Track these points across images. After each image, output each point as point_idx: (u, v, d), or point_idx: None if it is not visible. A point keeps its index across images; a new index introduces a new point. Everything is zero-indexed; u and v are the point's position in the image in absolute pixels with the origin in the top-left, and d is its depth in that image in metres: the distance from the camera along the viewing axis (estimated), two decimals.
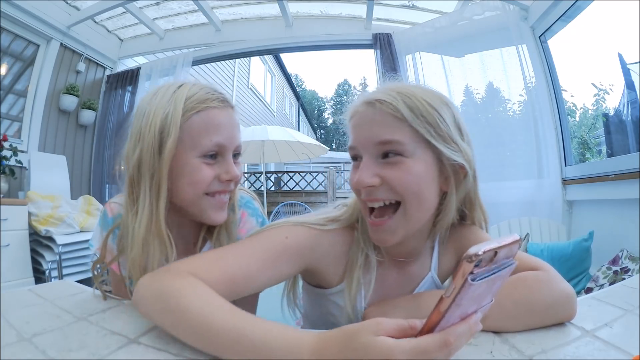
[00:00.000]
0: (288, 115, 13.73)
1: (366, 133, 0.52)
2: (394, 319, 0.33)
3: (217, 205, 0.61)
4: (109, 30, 3.35)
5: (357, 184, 0.51)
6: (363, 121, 0.53)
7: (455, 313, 0.30)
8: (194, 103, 0.59)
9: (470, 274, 0.27)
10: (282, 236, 0.53)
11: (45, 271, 2.12)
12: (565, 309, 0.46)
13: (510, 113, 2.65)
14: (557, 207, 2.20)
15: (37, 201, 2.24)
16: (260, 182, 7.58)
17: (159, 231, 0.57)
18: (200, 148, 0.58)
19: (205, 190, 0.59)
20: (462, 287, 0.27)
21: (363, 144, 0.52)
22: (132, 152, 0.58)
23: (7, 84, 2.69)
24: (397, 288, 0.59)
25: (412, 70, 2.72)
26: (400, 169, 0.50)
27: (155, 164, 0.57)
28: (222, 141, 0.60)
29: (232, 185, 0.63)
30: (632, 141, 2.05)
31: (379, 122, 0.51)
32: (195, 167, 0.58)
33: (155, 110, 0.58)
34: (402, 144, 0.49)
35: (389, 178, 0.50)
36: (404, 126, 0.50)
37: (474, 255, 0.26)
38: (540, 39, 2.38)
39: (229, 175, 0.61)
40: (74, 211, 2.41)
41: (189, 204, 0.60)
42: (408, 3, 2.83)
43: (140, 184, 0.57)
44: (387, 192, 0.50)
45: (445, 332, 0.30)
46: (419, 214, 0.52)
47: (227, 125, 0.61)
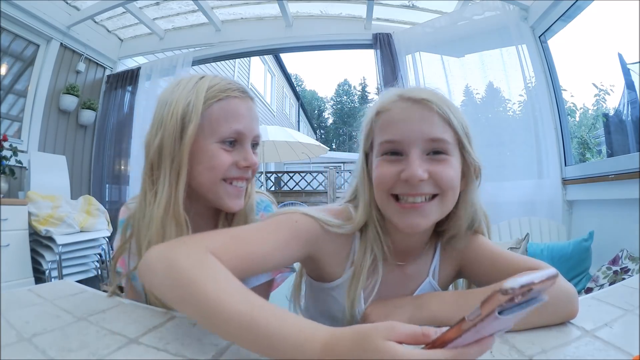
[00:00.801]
0: (288, 115, 13.73)
1: (416, 129, 0.52)
2: (408, 325, 0.33)
3: (233, 192, 0.63)
4: (109, 30, 3.35)
5: (411, 178, 0.50)
6: (409, 117, 0.53)
7: (472, 336, 0.29)
8: (215, 92, 0.62)
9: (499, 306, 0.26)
10: (292, 220, 0.54)
11: (45, 271, 2.12)
12: (566, 308, 0.47)
13: (510, 113, 2.65)
14: (557, 207, 2.20)
15: (37, 201, 2.24)
16: (260, 182, 7.58)
17: (177, 213, 0.59)
18: (219, 134, 0.61)
19: (222, 175, 0.61)
20: (487, 317, 0.27)
21: (411, 139, 0.52)
22: (154, 139, 0.61)
23: (7, 84, 2.69)
24: (395, 289, 0.59)
25: (412, 70, 2.72)
26: (446, 165, 0.53)
27: (176, 149, 0.59)
28: (241, 129, 0.62)
29: (250, 173, 0.65)
30: (632, 141, 2.05)
31: (429, 120, 0.53)
32: (214, 153, 0.60)
33: (177, 98, 0.61)
34: (449, 143, 0.53)
35: (436, 173, 0.52)
36: (448, 127, 0.54)
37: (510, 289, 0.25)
38: (540, 39, 2.38)
39: (247, 162, 0.62)
40: (74, 211, 2.42)
41: (207, 190, 0.62)
42: (408, 3, 2.83)
43: (161, 168, 0.60)
44: (431, 187, 0.52)
45: (458, 352, 0.30)
46: (450, 205, 0.55)
47: (246, 115, 0.63)
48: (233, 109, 0.62)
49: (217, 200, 0.63)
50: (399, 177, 0.52)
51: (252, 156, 0.64)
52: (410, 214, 0.52)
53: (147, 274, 0.44)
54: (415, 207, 0.52)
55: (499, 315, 0.26)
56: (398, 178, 0.52)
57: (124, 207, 0.72)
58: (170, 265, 0.41)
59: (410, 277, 0.61)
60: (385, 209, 0.55)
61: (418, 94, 0.54)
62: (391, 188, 0.53)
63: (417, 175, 0.50)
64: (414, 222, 0.52)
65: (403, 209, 0.52)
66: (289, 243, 0.52)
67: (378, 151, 0.56)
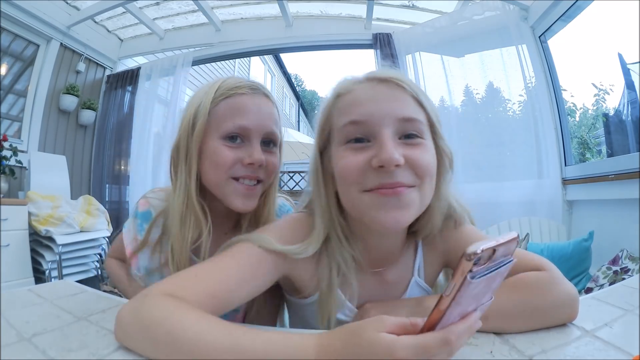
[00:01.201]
0: (288, 115, 13.72)
1: (385, 107, 0.46)
2: (396, 317, 0.34)
3: (242, 191, 0.61)
4: (109, 30, 3.35)
5: (386, 162, 0.43)
6: (376, 96, 0.47)
7: (455, 311, 0.30)
8: (224, 90, 0.62)
9: (470, 272, 0.27)
10: (256, 246, 0.49)
11: (45, 271, 2.12)
12: (567, 311, 0.46)
13: (510, 113, 2.65)
14: (557, 207, 2.20)
15: (37, 201, 2.24)
16: None
17: (193, 205, 0.60)
18: (223, 130, 0.60)
19: (227, 173, 0.60)
20: (462, 285, 0.28)
21: (380, 119, 0.45)
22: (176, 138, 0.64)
23: (7, 84, 2.69)
24: (378, 294, 0.56)
25: (412, 70, 2.72)
26: (422, 150, 0.47)
27: (188, 145, 0.62)
28: (246, 124, 0.60)
29: (261, 172, 0.62)
30: (632, 141, 2.05)
31: (400, 98, 0.47)
32: (217, 149, 0.60)
33: (194, 100, 0.64)
34: (423, 125, 0.48)
35: (413, 159, 0.45)
36: (420, 108, 0.48)
37: (473, 254, 0.27)
38: (540, 39, 2.38)
39: (251, 159, 0.60)
40: (74, 211, 2.41)
41: (215, 187, 0.62)
42: (408, 3, 2.83)
43: (178, 164, 0.63)
44: (409, 175, 0.45)
45: (446, 330, 0.31)
46: (429, 197, 0.49)
47: (254, 110, 0.62)
48: (239, 104, 0.61)
49: (225, 199, 0.62)
50: (370, 166, 0.45)
51: (259, 153, 0.60)
52: (390, 203, 0.45)
53: (126, 339, 0.40)
54: (396, 193, 0.44)
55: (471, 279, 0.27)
56: (368, 167, 0.45)
57: (143, 199, 0.70)
58: (143, 325, 0.39)
59: (393, 283, 0.57)
60: (357, 206, 0.47)
61: (385, 74, 0.49)
62: (362, 182, 0.46)
63: (393, 159, 0.43)
64: (396, 216, 0.45)
65: (383, 195, 0.45)
66: (255, 274, 0.48)
67: (339, 139, 0.49)
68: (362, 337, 0.32)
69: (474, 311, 0.33)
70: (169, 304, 0.40)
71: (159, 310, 0.39)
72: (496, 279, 0.31)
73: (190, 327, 0.37)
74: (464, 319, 0.32)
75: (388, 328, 0.32)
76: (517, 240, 0.30)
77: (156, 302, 0.40)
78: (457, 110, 2.69)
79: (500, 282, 0.32)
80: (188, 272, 0.48)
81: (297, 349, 0.35)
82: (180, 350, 0.36)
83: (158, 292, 0.42)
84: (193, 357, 0.36)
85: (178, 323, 0.37)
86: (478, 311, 0.33)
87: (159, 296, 0.41)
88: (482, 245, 0.27)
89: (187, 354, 0.36)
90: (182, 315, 0.38)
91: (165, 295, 0.41)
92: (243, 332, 0.37)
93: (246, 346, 0.35)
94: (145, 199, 0.70)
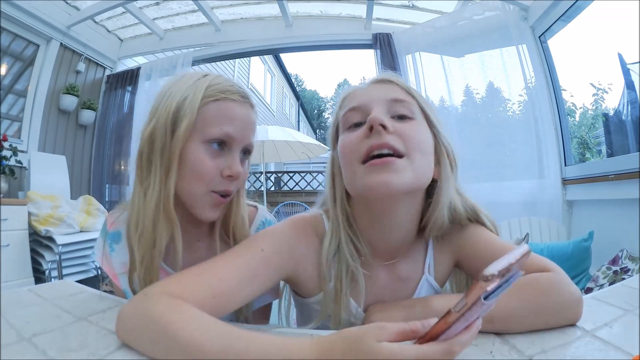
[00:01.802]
0: (288, 115, 13.73)
1: (377, 94, 0.54)
2: (396, 323, 0.33)
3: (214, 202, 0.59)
4: (109, 30, 3.35)
5: (372, 121, 0.49)
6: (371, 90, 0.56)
7: (461, 325, 0.30)
8: (214, 91, 0.58)
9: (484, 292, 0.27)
10: (258, 248, 0.51)
11: (45, 271, 2.12)
12: (571, 312, 0.46)
13: (510, 113, 2.65)
14: (557, 207, 2.20)
15: (37, 201, 2.24)
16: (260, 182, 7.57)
17: (167, 209, 0.56)
18: (208, 134, 0.57)
19: (209, 186, 0.57)
20: (474, 304, 0.28)
21: (373, 100, 0.53)
22: (146, 127, 0.58)
23: (7, 84, 2.69)
24: (389, 292, 0.57)
25: (412, 70, 2.72)
26: (412, 124, 0.52)
27: (167, 142, 0.56)
28: (232, 132, 0.58)
29: (234, 185, 0.60)
30: (632, 141, 2.05)
31: (390, 88, 0.55)
32: (199, 157, 0.56)
33: (175, 92, 0.58)
34: (414, 106, 0.54)
35: (402, 130, 0.50)
36: (411, 97, 0.55)
37: (491, 276, 0.27)
38: (540, 39, 2.38)
39: (230, 171, 0.57)
40: (74, 211, 2.41)
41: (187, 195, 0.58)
42: (408, 3, 2.83)
43: (152, 160, 0.57)
44: (396, 141, 0.49)
45: (450, 343, 0.31)
46: (423, 170, 0.51)
47: (241, 119, 0.60)
48: (228, 111, 0.58)
49: (193, 208, 0.59)
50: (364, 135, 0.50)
51: (238, 165, 0.59)
52: (379, 170, 0.48)
53: (126, 335, 0.41)
54: (385, 162, 0.48)
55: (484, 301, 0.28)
56: (363, 136, 0.50)
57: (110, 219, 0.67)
58: (143, 323, 0.40)
59: (404, 277, 0.58)
60: (355, 179, 0.51)
61: (381, 75, 0.58)
62: (358, 151, 0.50)
63: (377, 118, 0.49)
64: (386, 179, 0.47)
65: (372, 166, 0.48)
66: (255, 275, 0.49)
67: (342, 127, 0.56)
68: (362, 346, 0.32)
69: (477, 319, 0.32)
70: (167, 303, 0.40)
71: (157, 308, 0.40)
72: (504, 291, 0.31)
73: (185, 327, 0.37)
74: (468, 329, 0.32)
75: (389, 336, 0.32)
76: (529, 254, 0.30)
77: (156, 300, 0.41)
78: (457, 110, 2.69)
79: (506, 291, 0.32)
80: (190, 271, 0.48)
81: (293, 355, 0.34)
82: (175, 349, 0.36)
83: (159, 291, 0.43)
84: (186, 357, 0.36)
85: (174, 322, 0.38)
86: (480, 319, 0.33)
87: (160, 295, 0.42)
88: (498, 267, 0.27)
89: (181, 353, 0.36)
90: (179, 314, 0.39)
91: (166, 294, 0.42)
92: (238, 334, 0.37)
93: (240, 350, 0.35)
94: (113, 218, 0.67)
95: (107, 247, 0.67)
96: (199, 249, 0.66)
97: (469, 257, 0.57)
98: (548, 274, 0.47)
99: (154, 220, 0.56)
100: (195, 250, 0.65)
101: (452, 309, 0.29)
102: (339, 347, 0.33)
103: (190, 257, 0.62)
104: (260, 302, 0.66)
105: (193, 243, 0.65)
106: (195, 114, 0.56)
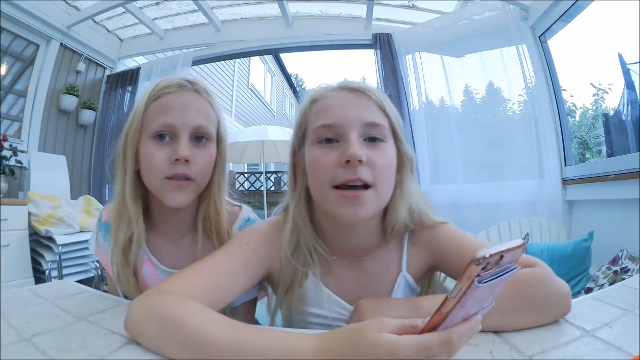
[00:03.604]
0: (288, 115, 13.72)
1: (353, 113, 0.54)
2: (396, 319, 0.34)
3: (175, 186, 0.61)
4: (109, 30, 3.35)
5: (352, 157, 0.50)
6: (346, 103, 0.55)
7: (458, 314, 0.31)
8: (155, 91, 0.64)
9: (477, 277, 0.28)
10: (244, 242, 0.57)
11: (45, 271, 2.12)
12: (561, 305, 0.47)
13: (510, 113, 2.65)
14: (557, 207, 2.20)
15: (37, 201, 2.24)
16: (260, 182, 7.57)
17: (126, 207, 0.63)
18: (151, 129, 0.62)
19: (161, 174, 0.61)
20: (468, 288, 0.28)
21: (349, 122, 0.53)
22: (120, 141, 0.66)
23: (7, 84, 2.69)
24: (357, 286, 0.59)
25: (412, 70, 2.71)
26: (381, 151, 0.54)
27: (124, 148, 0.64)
28: (170, 121, 0.61)
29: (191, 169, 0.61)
30: (632, 141, 2.05)
31: (366, 106, 0.55)
32: (148, 152, 0.61)
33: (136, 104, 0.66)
34: (385, 129, 0.55)
35: (373, 160, 0.52)
36: (383, 115, 0.56)
37: (482, 258, 0.27)
38: (540, 39, 2.38)
39: (176, 155, 0.60)
40: (74, 211, 2.41)
41: (152, 188, 0.64)
42: (408, 3, 2.83)
43: (118, 167, 0.66)
44: (366, 172, 0.51)
45: (448, 331, 0.31)
46: (386, 196, 0.55)
47: (180, 107, 0.62)
48: (165, 103, 0.62)
49: (161, 197, 0.63)
50: (339, 163, 0.51)
51: (184, 149, 0.60)
52: (350, 203, 0.51)
53: (133, 326, 0.43)
54: (355, 197, 0.51)
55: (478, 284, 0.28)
56: (337, 164, 0.52)
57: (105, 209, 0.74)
58: (152, 312, 0.42)
59: (372, 272, 0.60)
60: (325, 200, 0.54)
61: (355, 84, 0.57)
62: (332, 176, 0.52)
63: (357, 154, 0.50)
64: (356, 212, 0.52)
65: (345, 198, 0.51)
66: (246, 265, 0.55)
67: (312, 139, 0.56)
68: (363, 337, 0.33)
69: (475, 314, 0.33)
70: (175, 297, 0.44)
71: (166, 302, 0.43)
72: (499, 285, 0.31)
73: (193, 317, 0.40)
74: (466, 321, 0.32)
75: (389, 329, 0.33)
76: (523, 247, 0.30)
77: (164, 296, 0.45)
78: (457, 110, 2.69)
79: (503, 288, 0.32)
80: (189, 269, 0.52)
81: (296, 348, 0.35)
82: (183, 337, 0.39)
83: (165, 289, 0.47)
84: (194, 345, 0.38)
85: (182, 313, 0.41)
86: (479, 314, 0.33)
87: (167, 291, 0.46)
88: (490, 250, 0.28)
89: (189, 342, 0.38)
90: (186, 306, 0.42)
91: (172, 291, 0.46)
92: (244, 327, 0.39)
93: (246, 341, 0.37)
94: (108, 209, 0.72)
95: (100, 237, 0.73)
96: (184, 244, 0.70)
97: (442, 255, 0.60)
98: (533, 269, 0.49)
99: (116, 216, 0.64)
100: (180, 244, 0.70)
101: (448, 295, 0.30)
102: (340, 340, 0.34)
103: (176, 252, 0.69)
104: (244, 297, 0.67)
105: (178, 238, 0.70)
106: (140, 117, 0.62)
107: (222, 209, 0.68)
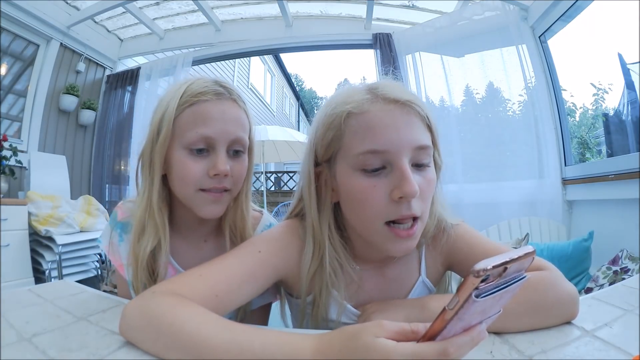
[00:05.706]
0: (288, 115, 13.72)
1: (403, 135, 0.47)
2: (397, 322, 0.34)
3: (209, 199, 0.60)
4: (109, 30, 3.35)
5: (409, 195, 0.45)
6: (394, 123, 0.47)
7: (457, 325, 0.29)
8: (188, 97, 0.59)
9: (475, 290, 0.26)
10: (256, 250, 0.53)
11: (45, 271, 2.12)
12: (568, 309, 0.46)
13: (510, 113, 2.65)
14: (557, 207, 2.20)
15: (37, 201, 2.24)
16: (260, 182, 7.58)
17: (153, 213, 0.60)
18: (186, 140, 0.58)
19: (195, 186, 0.59)
20: (465, 302, 0.26)
21: (399, 148, 0.47)
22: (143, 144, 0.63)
23: (7, 84, 2.69)
24: (379, 292, 0.58)
25: (412, 70, 2.71)
26: (429, 180, 0.50)
27: (151, 154, 0.60)
28: (210, 133, 0.58)
29: (227, 181, 0.60)
30: (632, 141, 2.05)
31: (415, 125, 0.48)
32: (182, 162, 0.58)
33: (161, 104, 0.61)
34: (431, 150, 0.50)
35: (422, 189, 0.47)
36: (429, 132, 0.51)
37: (482, 271, 0.25)
38: (540, 39, 2.38)
39: (215, 170, 0.57)
40: (74, 211, 2.41)
41: (183, 198, 0.61)
42: (408, 3, 2.83)
43: (143, 171, 0.62)
44: (418, 206, 0.48)
45: (446, 342, 0.30)
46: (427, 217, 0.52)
47: (218, 118, 0.59)
48: (202, 113, 0.58)
49: (193, 208, 0.61)
50: (390, 198, 0.47)
51: (223, 163, 0.58)
52: (403, 241, 0.49)
53: (129, 331, 0.42)
54: (410, 236, 0.48)
55: (476, 298, 0.26)
56: (389, 199, 0.47)
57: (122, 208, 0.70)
58: (147, 317, 0.41)
59: (397, 277, 0.59)
60: (374, 233, 0.50)
61: (400, 95, 0.49)
62: (385, 213, 0.48)
63: (415, 191, 0.45)
64: (408, 247, 0.50)
65: (397, 236, 0.48)
66: (254, 274, 0.51)
67: (355, 163, 0.49)
68: (359, 341, 0.32)
69: (478, 324, 0.31)
70: (172, 300, 0.42)
71: (162, 305, 0.41)
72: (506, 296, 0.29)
73: (190, 321, 0.39)
74: (467, 332, 0.31)
75: (387, 334, 0.32)
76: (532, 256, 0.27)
77: (161, 298, 0.43)
78: (457, 110, 2.69)
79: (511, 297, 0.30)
80: (192, 272, 0.50)
81: (294, 349, 0.35)
82: (180, 341, 0.38)
83: (163, 290, 0.45)
84: (192, 349, 0.37)
85: (180, 316, 0.39)
86: (483, 324, 0.31)
87: (164, 293, 0.44)
88: (492, 262, 0.25)
89: (187, 346, 0.37)
90: (184, 309, 0.41)
91: (170, 293, 0.44)
92: (242, 329, 0.39)
93: (244, 342, 0.36)
94: (124, 208, 0.69)
95: (115, 236, 0.68)
96: (206, 249, 0.68)
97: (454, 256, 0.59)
98: (543, 272, 0.48)
99: (141, 224, 0.60)
100: (201, 249, 0.67)
101: (446, 307, 0.29)
102: (338, 342, 0.34)
103: (197, 256, 0.65)
104: (260, 301, 0.67)
105: (200, 243, 0.68)
106: (171, 124, 0.59)
107: (248, 216, 0.67)
